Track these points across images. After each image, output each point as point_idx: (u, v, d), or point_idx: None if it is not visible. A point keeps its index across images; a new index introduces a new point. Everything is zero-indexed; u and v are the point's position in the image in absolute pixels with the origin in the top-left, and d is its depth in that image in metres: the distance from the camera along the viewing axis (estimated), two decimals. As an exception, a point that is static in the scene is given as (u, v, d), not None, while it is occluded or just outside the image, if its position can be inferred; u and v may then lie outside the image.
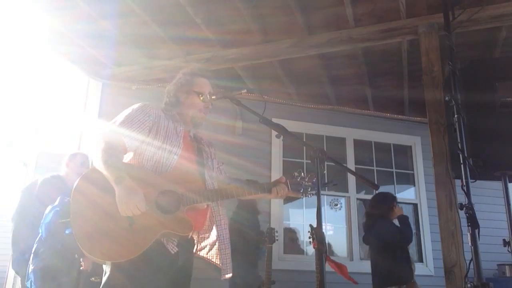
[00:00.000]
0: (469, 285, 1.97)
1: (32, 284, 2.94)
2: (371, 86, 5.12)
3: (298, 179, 1.96)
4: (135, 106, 1.99)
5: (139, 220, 1.75)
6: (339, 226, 5.44)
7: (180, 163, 1.92)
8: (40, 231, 3.02)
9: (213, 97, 1.98)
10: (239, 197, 1.97)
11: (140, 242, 1.73)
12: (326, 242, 5.06)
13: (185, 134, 2.05)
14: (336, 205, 5.50)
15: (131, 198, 1.70)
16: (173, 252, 1.84)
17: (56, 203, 3.06)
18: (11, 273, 8.24)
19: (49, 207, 3.06)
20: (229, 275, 1.96)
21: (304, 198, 5.30)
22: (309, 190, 1.96)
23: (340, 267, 3.46)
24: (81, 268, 2.92)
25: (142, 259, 1.73)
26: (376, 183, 3.30)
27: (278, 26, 4.04)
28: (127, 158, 1.96)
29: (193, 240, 2.01)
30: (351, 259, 5.13)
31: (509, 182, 2.56)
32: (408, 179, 5.82)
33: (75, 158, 3.56)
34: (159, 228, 1.77)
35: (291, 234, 5.31)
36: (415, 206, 5.62)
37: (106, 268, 1.81)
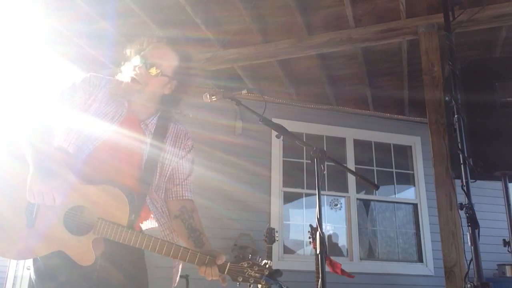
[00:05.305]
0: (469, 285, 1.97)
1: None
2: (371, 86, 5.12)
3: (245, 265, 1.55)
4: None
5: (40, 225, 1.51)
6: (339, 226, 5.45)
7: (100, 149, 1.62)
8: None
9: (213, 97, 1.97)
10: (163, 255, 1.55)
11: (31, 249, 1.51)
12: (326, 242, 5.05)
13: (131, 119, 1.70)
14: (336, 205, 5.50)
15: (49, 182, 1.43)
16: (84, 265, 1.51)
17: None
18: (11, 273, 8.25)
19: None
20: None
21: (304, 198, 5.35)
22: (251, 281, 1.53)
23: (333, 264, 3.44)
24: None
25: (44, 265, 1.53)
26: (376, 183, 3.29)
27: (277, 26, 4.04)
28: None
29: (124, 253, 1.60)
30: (351, 259, 5.13)
31: (509, 182, 2.56)
32: (408, 179, 5.82)
33: None
34: (56, 245, 1.50)
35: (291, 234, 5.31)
36: (415, 206, 5.62)
37: None
